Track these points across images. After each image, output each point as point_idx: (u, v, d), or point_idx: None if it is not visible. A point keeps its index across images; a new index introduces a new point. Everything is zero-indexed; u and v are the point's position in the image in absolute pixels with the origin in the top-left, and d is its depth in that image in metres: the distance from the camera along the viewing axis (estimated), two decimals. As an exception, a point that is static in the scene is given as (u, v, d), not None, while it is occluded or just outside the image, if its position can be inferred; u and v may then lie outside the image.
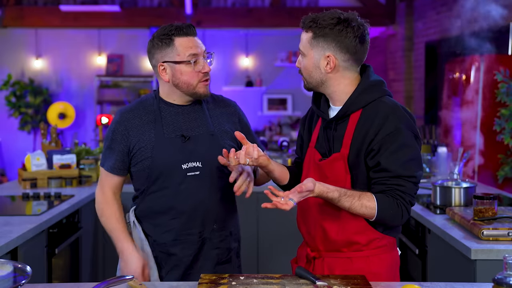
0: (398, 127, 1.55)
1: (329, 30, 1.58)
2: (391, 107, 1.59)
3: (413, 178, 1.57)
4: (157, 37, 1.76)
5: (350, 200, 1.54)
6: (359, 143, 1.59)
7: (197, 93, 1.79)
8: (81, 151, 3.62)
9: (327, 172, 1.64)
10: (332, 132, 1.65)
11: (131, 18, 7.01)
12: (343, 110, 1.63)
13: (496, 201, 2.14)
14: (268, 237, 3.53)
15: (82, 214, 2.99)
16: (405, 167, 1.56)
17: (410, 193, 1.58)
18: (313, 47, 1.61)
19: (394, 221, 1.60)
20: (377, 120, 1.57)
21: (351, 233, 1.62)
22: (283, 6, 7.22)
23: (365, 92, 1.62)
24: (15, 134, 7.32)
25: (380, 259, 1.64)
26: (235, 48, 7.41)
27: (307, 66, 1.64)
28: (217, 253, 1.84)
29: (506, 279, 1.26)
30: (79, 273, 2.98)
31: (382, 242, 1.64)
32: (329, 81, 1.63)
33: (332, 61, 1.60)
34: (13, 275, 1.35)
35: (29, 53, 7.30)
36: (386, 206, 1.55)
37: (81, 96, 7.37)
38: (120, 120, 1.82)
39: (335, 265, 1.65)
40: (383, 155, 1.55)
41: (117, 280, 1.45)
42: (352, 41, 1.58)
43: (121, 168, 1.83)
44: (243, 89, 7.30)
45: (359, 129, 1.59)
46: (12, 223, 2.30)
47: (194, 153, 1.78)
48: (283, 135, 6.97)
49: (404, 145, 1.55)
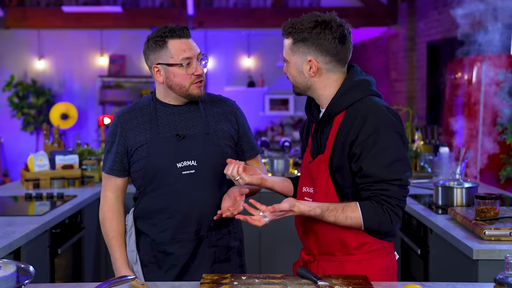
0: (377, 129, 1.52)
1: (308, 34, 1.57)
2: (370, 108, 1.55)
3: (398, 181, 1.53)
4: (151, 39, 1.78)
5: (333, 215, 1.53)
6: (341, 146, 1.57)
7: (191, 95, 1.80)
8: (84, 151, 3.63)
9: (314, 174, 1.65)
10: (319, 135, 1.66)
11: (133, 18, 7.03)
12: (327, 112, 1.62)
13: (498, 201, 2.14)
14: (270, 237, 3.53)
15: (84, 214, 3.00)
16: (388, 170, 1.51)
17: (396, 197, 1.53)
18: (294, 53, 1.61)
19: (383, 228, 1.56)
20: (356, 121, 1.54)
21: (341, 237, 1.60)
22: (285, 6, 7.22)
23: (347, 93, 1.59)
24: (18, 135, 7.34)
25: (372, 263, 1.60)
26: (237, 49, 7.41)
27: (291, 72, 1.64)
28: (214, 251, 1.84)
29: (508, 279, 1.26)
30: (82, 273, 2.99)
31: (375, 246, 1.60)
32: (315, 84, 1.62)
33: (314, 65, 1.59)
34: (16, 275, 1.36)
35: (31, 54, 7.32)
36: (372, 214, 1.52)
37: (83, 97, 7.39)
38: (117, 122, 1.84)
39: (328, 268, 1.64)
40: (365, 160, 1.52)
41: (119, 280, 1.45)
42: (331, 42, 1.56)
43: (120, 169, 1.84)
44: (245, 89, 7.31)
45: (341, 131, 1.58)
46: (15, 224, 2.31)
47: (189, 152, 1.79)
48: (285, 136, 6.97)
49: (385, 148, 1.52)
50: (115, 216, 1.88)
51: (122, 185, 1.89)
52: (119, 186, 1.88)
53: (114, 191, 1.88)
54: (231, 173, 1.64)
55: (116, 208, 1.88)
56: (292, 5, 7.23)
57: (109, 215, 1.88)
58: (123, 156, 1.82)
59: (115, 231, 1.87)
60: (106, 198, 1.89)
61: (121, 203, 1.90)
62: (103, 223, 1.89)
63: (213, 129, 1.83)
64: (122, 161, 1.83)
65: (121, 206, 1.90)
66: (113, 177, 1.86)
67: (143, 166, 1.79)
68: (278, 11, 7.14)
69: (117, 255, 1.85)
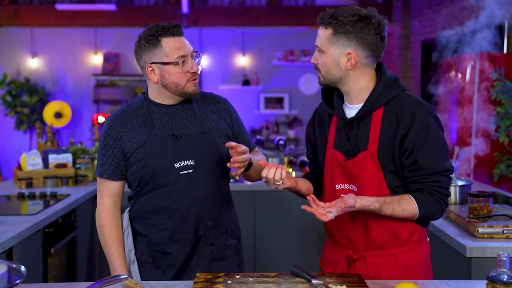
0: (427, 123, 1.58)
1: (351, 27, 1.57)
2: (415, 104, 1.61)
3: (448, 172, 1.60)
4: (143, 38, 1.75)
5: (391, 208, 1.56)
6: (388, 141, 1.59)
7: (187, 93, 1.79)
8: (77, 150, 3.62)
9: (355, 171, 1.63)
10: (354, 131, 1.64)
11: (127, 17, 7.00)
12: (365, 108, 1.62)
13: (491, 199, 2.14)
14: (265, 235, 3.53)
15: (78, 213, 2.98)
16: (440, 162, 1.58)
17: (446, 187, 1.61)
18: (333, 44, 1.60)
19: (435, 217, 1.64)
20: (405, 117, 1.58)
21: (393, 229, 1.63)
22: (280, 5, 7.22)
23: (386, 89, 1.62)
24: (11, 134, 7.30)
25: (420, 251, 1.68)
26: (232, 47, 7.40)
27: (326, 63, 1.63)
28: (212, 250, 1.84)
29: (500, 276, 1.27)
30: (75, 273, 2.98)
31: (421, 234, 1.68)
32: (348, 77, 1.63)
33: (354, 58, 1.59)
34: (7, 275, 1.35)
35: (25, 52, 7.28)
36: (426, 205, 1.58)
37: (77, 95, 7.35)
38: (111, 125, 1.81)
39: (379, 263, 1.65)
40: (418, 153, 1.57)
41: (112, 280, 1.44)
42: (374, 38, 1.59)
43: (117, 173, 1.81)
44: (240, 88, 7.30)
45: (386, 127, 1.60)
46: (7, 223, 2.30)
47: (186, 152, 1.78)
48: (280, 134, 6.97)
49: (435, 140, 1.58)
50: (113, 223, 1.83)
51: (119, 189, 1.85)
52: (116, 191, 1.84)
53: (111, 196, 1.83)
54: (273, 177, 1.58)
55: (114, 214, 1.84)
56: (286, 4, 7.22)
57: (108, 222, 1.83)
58: (120, 159, 1.80)
59: (114, 238, 1.82)
60: (103, 204, 1.84)
61: (119, 209, 1.87)
62: (102, 230, 1.83)
63: (209, 128, 1.83)
64: (119, 164, 1.80)
65: (119, 212, 1.87)
66: (110, 181, 1.82)
67: (140, 167, 1.77)
68: (273, 10, 7.14)
69: (117, 263, 1.80)
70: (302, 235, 3.53)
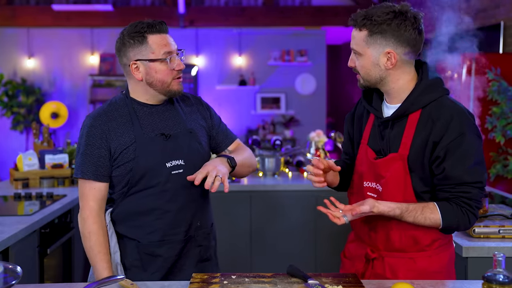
0: (462, 132, 1.51)
1: (387, 26, 1.53)
2: (453, 110, 1.54)
3: (479, 184, 1.54)
4: (127, 34, 1.70)
5: (413, 215, 1.53)
6: (420, 146, 1.55)
7: (171, 91, 1.76)
8: (74, 150, 3.61)
9: (383, 171, 1.60)
10: (388, 131, 1.62)
11: (124, 17, 6.99)
12: (402, 109, 1.58)
13: (487, 198, 2.15)
14: (261, 235, 3.53)
15: (74, 214, 2.97)
16: (471, 173, 1.52)
17: (476, 199, 1.55)
18: (370, 45, 1.56)
19: (460, 228, 1.58)
20: (440, 123, 1.53)
21: (414, 235, 1.60)
22: (276, 5, 7.22)
23: (425, 92, 1.56)
24: (7, 134, 7.28)
25: (441, 257, 1.63)
26: (228, 47, 7.40)
27: (364, 65, 1.59)
28: (199, 251, 1.82)
29: (496, 276, 1.27)
30: (72, 273, 2.97)
31: (444, 241, 1.64)
32: (389, 77, 1.59)
33: (394, 56, 1.55)
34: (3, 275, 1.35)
35: (21, 53, 7.26)
36: (451, 216, 1.54)
37: (74, 96, 7.34)
38: (94, 124, 1.72)
39: (397, 265, 1.63)
40: (448, 162, 1.52)
41: (108, 280, 1.44)
42: (412, 33, 1.53)
43: (104, 174, 1.73)
44: (236, 88, 7.30)
45: (420, 131, 1.55)
46: (3, 223, 2.29)
47: (176, 151, 1.75)
48: (276, 134, 6.98)
49: (469, 151, 1.52)
50: (101, 229, 1.73)
51: (104, 192, 1.75)
52: (102, 194, 1.75)
53: (97, 200, 1.73)
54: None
55: (100, 220, 1.74)
56: (283, 4, 7.23)
57: (95, 228, 1.72)
58: (106, 160, 1.71)
59: (102, 245, 1.72)
60: (90, 209, 1.73)
61: (103, 213, 1.77)
62: (89, 237, 1.72)
63: (193, 127, 1.82)
64: (106, 165, 1.72)
65: (104, 217, 1.76)
66: (96, 183, 1.72)
67: (130, 168, 1.71)
68: (269, 10, 7.14)
69: (105, 273, 1.70)
70: (298, 235, 3.53)
